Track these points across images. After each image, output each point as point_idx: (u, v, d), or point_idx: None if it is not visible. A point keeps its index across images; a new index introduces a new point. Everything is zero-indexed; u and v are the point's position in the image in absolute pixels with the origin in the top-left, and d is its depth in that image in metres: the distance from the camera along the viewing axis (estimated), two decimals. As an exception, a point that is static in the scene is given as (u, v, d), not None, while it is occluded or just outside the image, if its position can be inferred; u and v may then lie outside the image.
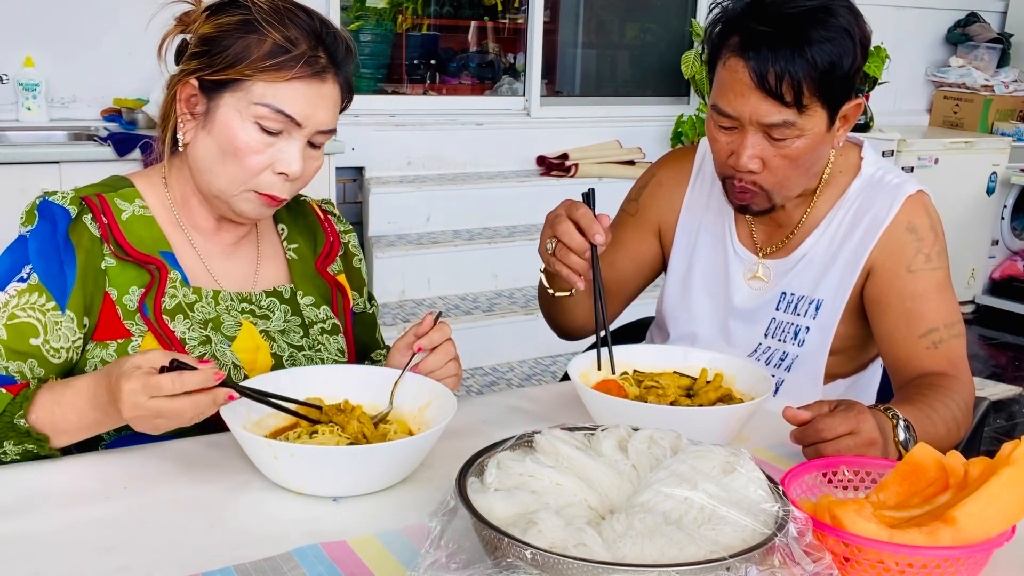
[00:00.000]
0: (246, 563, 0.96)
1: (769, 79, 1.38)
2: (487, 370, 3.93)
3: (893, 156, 4.85)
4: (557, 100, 5.09)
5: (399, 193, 4.18)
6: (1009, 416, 4.02)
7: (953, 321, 1.52)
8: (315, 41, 1.27)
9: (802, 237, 1.62)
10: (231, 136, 1.25)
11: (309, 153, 1.30)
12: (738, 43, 1.42)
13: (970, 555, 0.91)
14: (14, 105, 3.51)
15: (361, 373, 1.32)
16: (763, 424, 1.38)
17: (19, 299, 1.24)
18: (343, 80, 1.31)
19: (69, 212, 1.28)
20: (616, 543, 0.83)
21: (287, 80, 1.24)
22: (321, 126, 1.28)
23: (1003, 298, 5.40)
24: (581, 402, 1.35)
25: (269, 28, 1.24)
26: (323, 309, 1.46)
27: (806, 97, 1.39)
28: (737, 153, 1.46)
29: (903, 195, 1.55)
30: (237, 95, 1.25)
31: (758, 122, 1.42)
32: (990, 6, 5.94)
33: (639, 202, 1.77)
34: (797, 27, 1.38)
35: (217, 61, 1.25)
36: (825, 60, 1.38)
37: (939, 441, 1.36)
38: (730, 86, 1.43)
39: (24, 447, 1.15)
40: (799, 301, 1.61)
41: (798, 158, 1.45)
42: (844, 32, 1.39)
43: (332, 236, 1.53)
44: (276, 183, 1.28)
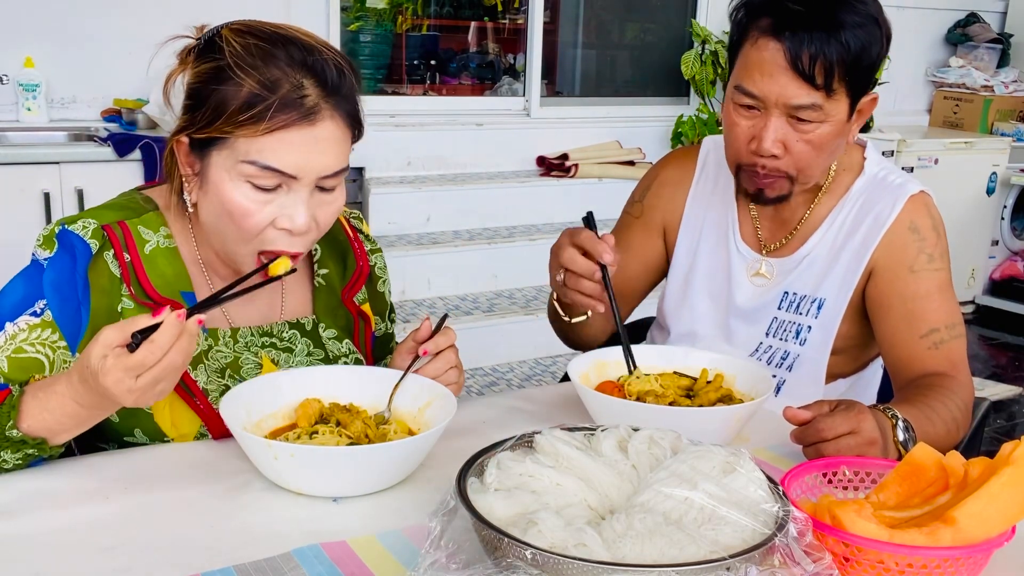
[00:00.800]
0: (246, 563, 0.96)
1: (803, 59, 1.39)
2: (487, 370, 3.93)
3: (893, 156, 4.85)
4: (557, 100, 5.09)
5: (399, 193, 4.18)
6: (1009, 416, 4.02)
7: (954, 322, 1.53)
8: (299, 76, 1.13)
9: (805, 235, 1.62)
10: (223, 199, 1.15)
11: (320, 199, 1.18)
12: (770, 24, 1.42)
13: (970, 555, 0.91)
14: (14, 105, 3.51)
15: (361, 374, 1.31)
16: (763, 424, 1.38)
17: (30, 334, 1.18)
18: (344, 111, 1.17)
19: (90, 247, 1.20)
20: (616, 543, 0.83)
21: (270, 132, 1.11)
22: (323, 172, 1.15)
23: (1003, 298, 5.40)
24: (581, 402, 1.35)
25: (242, 74, 1.11)
26: (346, 343, 1.40)
27: (836, 81, 1.40)
28: (759, 137, 1.45)
29: (905, 195, 1.55)
30: (223, 153, 1.14)
31: (785, 104, 1.42)
32: (990, 6, 5.94)
33: (643, 204, 1.77)
34: (830, 9, 1.39)
35: (199, 118, 1.14)
36: (857, 45, 1.39)
37: (938, 441, 1.36)
38: (758, 66, 1.43)
39: (24, 452, 1.11)
40: (801, 300, 1.61)
41: (821, 145, 1.45)
42: (872, 19, 1.41)
43: (362, 260, 1.44)
44: (281, 238, 1.17)
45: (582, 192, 4.45)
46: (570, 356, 1.46)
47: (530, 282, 4.26)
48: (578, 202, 4.38)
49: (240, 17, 1.22)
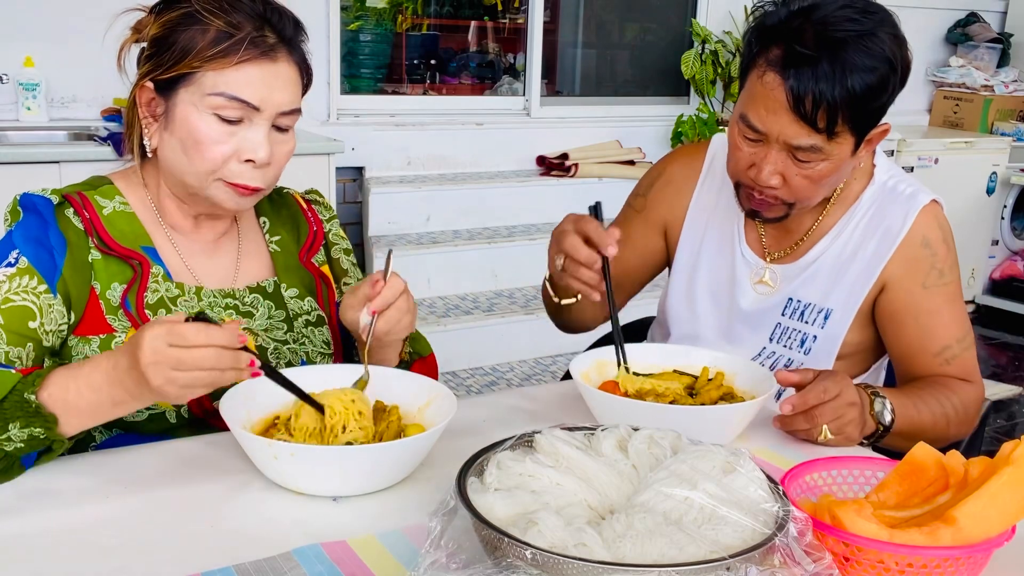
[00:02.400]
0: (246, 563, 0.96)
1: (806, 103, 1.35)
2: (487, 370, 3.93)
3: (893, 156, 4.86)
4: (557, 100, 5.09)
5: (399, 193, 4.18)
6: (1009, 416, 4.02)
7: (964, 334, 1.54)
8: (260, 22, 1.25)
9: (811, 243, 1.60)
10: (191, 130, 1.24)
11: (277, 138, 1.29)
12: (779, 58, 1.37)
13: (970, 555, 0.91)
14: (14, 105, 3.51)
15: (359, 371, 1.31)
16: (763, 424, 1.38)
17: (10, 283, 1.23)
18: (298, 58, 1.29)
19: (51, 201, 1.28)
20: (616, 543, 0.83)
21: (235, 65, 1.23)
22: (281, 107, 1.27)
23: (1003, 298, 5.40)
24: (581, 402, 1.35)
25: (210, 16, 1.24)
26: (308, 301, 1.45)
27: (839, 125, 1.37)
28: (758, 167, 1.43)
29: (917, 207, 1.53)
30: (191, 89, 1.24)
31: (785, 141, 1.40)
32: (990, 6, 5.94)
33: (647, 198, 1.75)
34: (841, 52, 1.34)
35: (166, 59, 1.25)
36: (864, 89, 1.35)
37: (924, 430, 1.42)
38: (762, 101, 1.39)
39: (31, 430, 1.09)
40: (806, 308, 1.59)
41: (820, 179, 1.43)
42: (887, 61, 1.36)
43: (315, 226, 1.52)
44: (245, 171, 1.27)
45: (582, 192, 4.45)
46: (570, 355, 1.46)
47: (530, 282, 4.26)
48: (578, 202, 4.37)
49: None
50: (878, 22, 1.38)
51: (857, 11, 1.37)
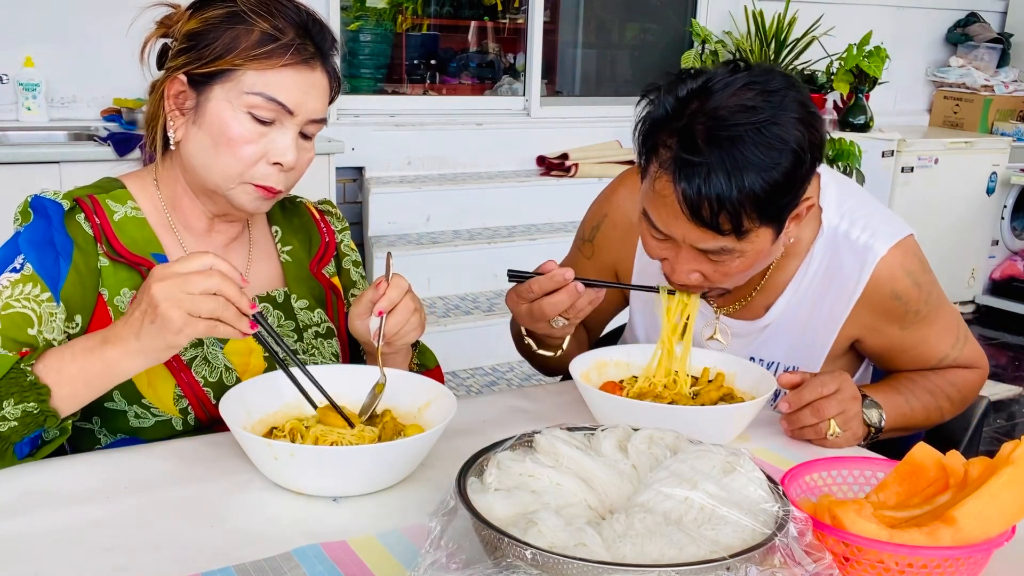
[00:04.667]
0: (246, 563, 0.96)
1: (703, 211, 1.20)
2: (487, 370, 3.93)
3: (893, 156, 4.85)
4: (557, 100, 5.09)
5: (399, 193, 4.18)
6: (1009, 416, 4.02)
7: (957, 336, 1.51)
8: (302, 30, 1.27)
9: (767, 300, 1.50)
10: (223, 127, 1.25)
11: (301, 144, 1.30)
12: (669, 160, 1.22)
13: (970, 555, 0.91)
14: (14, 105, 3.51)
15: (359, 373, 1.31)
16: (763, 424, 1.38)
17: (12, 290, 1.22)
18: (331, 69, 1.31)
19: (62, 205, 1.28)
20: (616, 543, 0.83)
21: (278, 68, 1.24)
22: (313, 114, 1.29)
23: (1003, 298, 5.40)
24: (581, 402, 1.35)
25: (256, 18, 1.25)
26: (317, 312, 1.45)
27: (746, 224, 1.22)
28: (672, 265, 1.31)
29: (873, 260, 1.41)
30: (227, 86, 1.25)
31: (692, 245, 1.27)
32: (990, 6, 5.94)
33: (594, 244, 1.64)
34: (735, 150, 1.18)
35: (206, 53, 1.25)
36: (767, 187, 1.19)
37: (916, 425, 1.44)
38: (661, 206, 1.25)
39: (24, 407, 1.11)
40: (771, 367, 1.53)
41: (741, 272, 1.31)
42: (791, 150, 1.19)
43: (328, 236, 1.52)
44: (272, 174, 1.28)
45: (582, 192, 4.44)
46: (570, 356, 1.45)
47: (530, 282, 4.25)
48: (578, 202, 4.37)
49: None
50: (778, 105, 1.20)
51: (755, 94, 1.21)
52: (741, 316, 1.54)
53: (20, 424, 1.12)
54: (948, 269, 4.97)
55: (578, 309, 1.34)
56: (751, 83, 1.22)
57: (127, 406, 1.28)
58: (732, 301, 1.54)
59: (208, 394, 1.30)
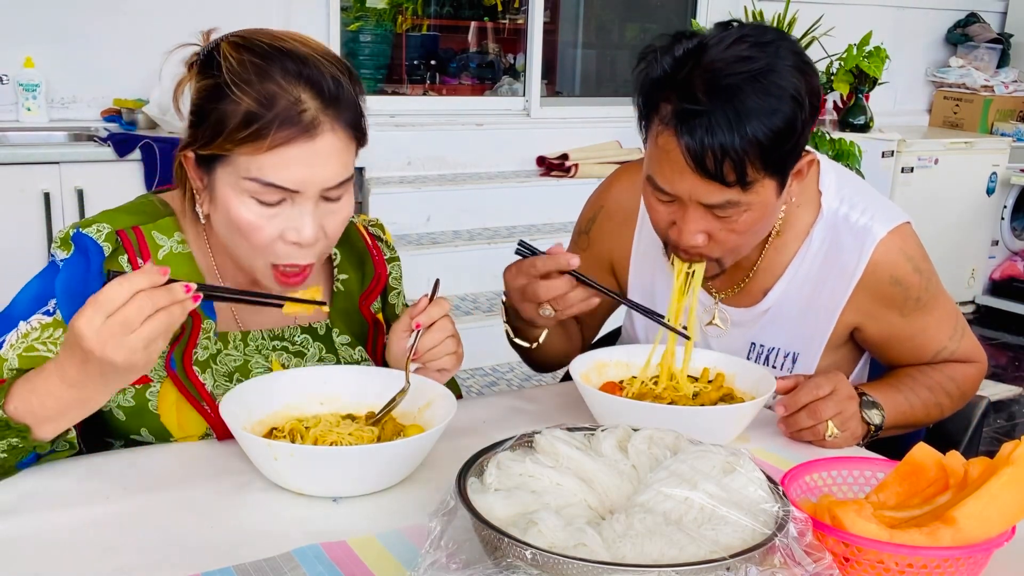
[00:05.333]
0: (246, 563, 0.96)
1: (707, 162, 1.21)
2: (487, 370, 3.93)
3: (893, 156, 4.85)
4: (557, 100, 5.09)
5: (399, 193, 4.18)
6: (1009, 416, 4.02)
7: (955, 328, 1.51)
8: (297, 90, 1.12)
9: (764, 285, 1.50)
10: (230, 213, 1.16)
11: (327, 209, 1.18)
12: (670, 115, 1.23)
13: (970, 555, 0.91)
14: (14, 105, 3.51)
15: (360, 373, 1.31)
16: (763, 424, 1.38)
17: (42, 333, 1.18)
18: (344, 121, 1.15)
19: (103, 250, 1.21)
20: (616, 543, 0.83)
21: (268, 150, 1.11)
22: (326, 183, 1.15)
23: (1003, 298, 5.39)
24: (581, 402, 1.35)
25: (239, 92, 1.11)
26: (358, 350, 1.39)
27: (751, 174, 1.23)
28: (679, 227, 1.31)
29: (872, 242, 1.42)
30: (227, 170, 1.15)
31: (699, 201, 1.27)
32: (990, 6, 5.94)
33: (590, 236, 1.64)
34: (735, 99, 1.19)
35: (200, 135, 1.15)
36: (769, 133, 1.20)
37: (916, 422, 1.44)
38: (665, 163, 1.26)
39: (8, 442, 1.07)
40: (771, 352, 1.53)
41: (747, 229, 1.31)
42: (789, 98, 1.21)
43: (380, 268, 1.44)
44: (292, 251, 1.17)
45: (582, 192, 4.44)
46: (570, 356, 1.45)
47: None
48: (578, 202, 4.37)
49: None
50: (774, 55, 1.22)
51: (749, 46, 1.22)
52: (739, 303, 1.53)
53: (9, 455, 1.09)
54: (948, 269, 4.96)
55: (568, 303, 1.32)
56: (744, 36, 1.24)
57: (154, 440, 1.27)
58: (729, 285, 1.53)
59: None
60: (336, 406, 1.26)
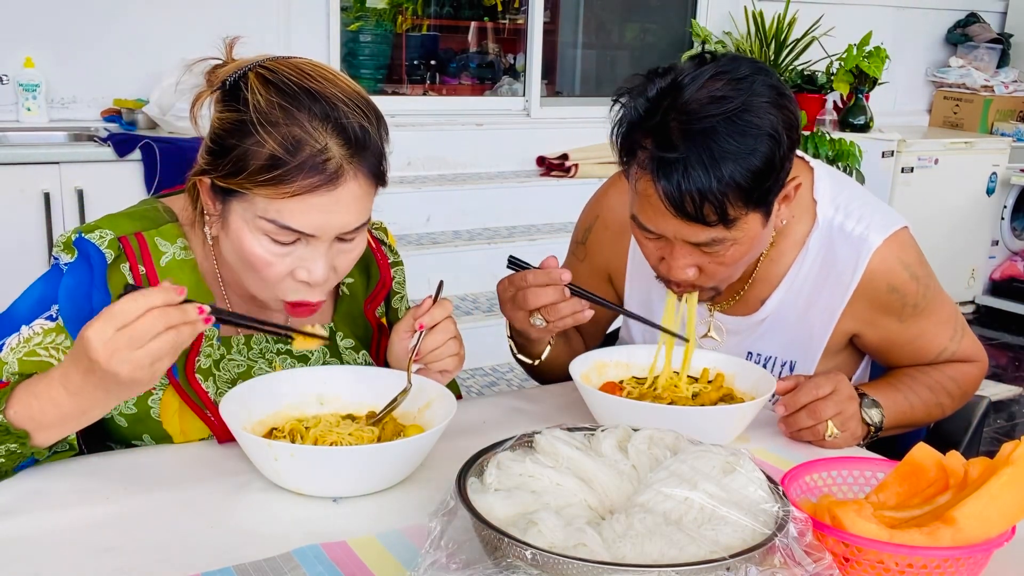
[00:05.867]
0: (246, 563, 0.96)
1: (687, 206, 1.21)
2: (487, 370, 3.93)
3: (893, 156, 4.85)
4: (557, 100, 5.09)
5: (399, 193, 4.18)
6: (1009, 416, 4.02)
7: (955, 329, 1.51)
8: (324, 135, 1.10)
9: (761, 295, 1.50)
10: (242, 247, 1.15)
11: (339, 248, 1.17)
12: (647, 160, 1.23)
13: (970, 555, 0.91)
14: (14, 105, 3.51)
15: (361, 373, 1.31)
16: (763, 424, 1.38)
17: (44, 338, 1.18)
18: (368, 168, 1.13)
19: (105, 257, 1.20)
20: (616, 543, 0.83)
21: (290, 196, 1.10)
22: (343, 229, 1.14)
23: (1003, 298, 5.40)
24: (581, 402, 1.35)
25: (265, 134, 1.09)
26: (362, 354, 1.39)
27: (732, 212, 1.22)
28: (668, 263, 1.31)
29: (868, 251, 1.41)
30: (244, 205, 1.14)
31: (684, 240, 1.27)
32: (990, 6, 5.94)
33: (586, 247, 1.64)
34: (711, 142, 1.18)
35: (220, 167, 1.13)
36: (747, 174, 1.20)
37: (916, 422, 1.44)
38: (647, 206, 1.26)
39: (7, 447, 1.07)
40: (768, 361, 1.53)
41: (736, 262, 1.31)
42: (766, 135, 1.20)
43: (385, 272, 1.43)
44: (301, 288, 1.17)
45: (582, 192, 4.44)
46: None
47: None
48: (578, 202, 4.37)
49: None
50: (748, 91, 1.21)
51: (724, 83, 1.21)
52: (736, 312, 1.53)
53: (7, 460, 1.10)
54: (948, 269, 4.97)
55: (559, 313, 1.32)
56: (719, 73, 1.23)
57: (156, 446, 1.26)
58: (726, 297, 1.52)
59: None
60: (336, 406, 1.27)
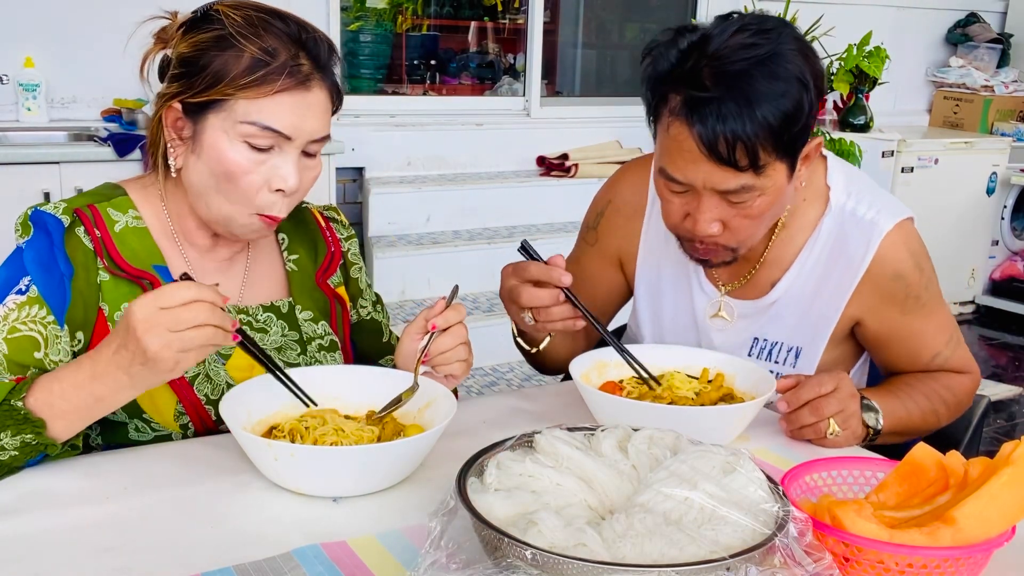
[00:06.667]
0: (246, 563, 0.96)
1: (720, 147, 1.23)
2: (487, 370, 3.93)
3: (893, 156, 4.85)
4: (557, 100, 5.09)
5: (399, 193, 4.18)
6: (1009, 416, 4.02)
7: (950, 335, 1.52)
8: (295, 48, 1.22)
9: (771, 277, 1.51)
10: (221, 158, 1.21)
11: (305, 163, 1.26)
12: (680, 105, 1.26)
13: (970, 555, 0.91)
14: (14, 105, 3.51)
15: (362, 374, 1.31)
16: (763, 424, 1.38)
17: (19, 312, 1.21)
18: (330, 83, 1.27)
19: (62, 222, 1.25)
20: (616, 543, 0.83)
21: (270, 95, 1.20)
22: (313, 135, 1.24)
23: (1003, 298, 5.40)
24: (581, 402, 1.35)
25: (245, 42, 1.20)
26: (321, 324, 1.43)
27: (763, 158, 1.25)
28: (694, 217, 1.33)
29: (879, 235, 1.44)
30: (221, 115, 1.21)
31: (713, 188, 1.29)
32: (990, 6, 5.94)
33: (597, 231, 1.65)
34: (743, 84, 1.22)
35: (197, 82, 1.21)
36: (778, 116, 1.23)
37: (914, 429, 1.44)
38: (677, 153, 1.28)
39: (22, 437, 1.10)
40: (774, 347, 1.54)
41: (761, 215, 1.33)
42: (795, 80, 1.24)
43: (333, 246, 1.49)
44: (276, 201, 1.25)
45: (582, 192, 4.44)
46: (570, 356, 1.45)
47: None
48: (578, 202, 4.37)
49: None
50: (776, 40, 1.25)
51: (752, 33, 1.26)
52: (745, 295, 1.54)
53: (20, 453, 1.11)
54: (948, 269, 4.96)
55: (550, 316, 1.34)
56: (746, 26, 1.28)
57: (127, 419, 1.28)
58: (736, 277, 1.54)
59: (209, 412, 1.30)
60: (336, 406, 1.26)
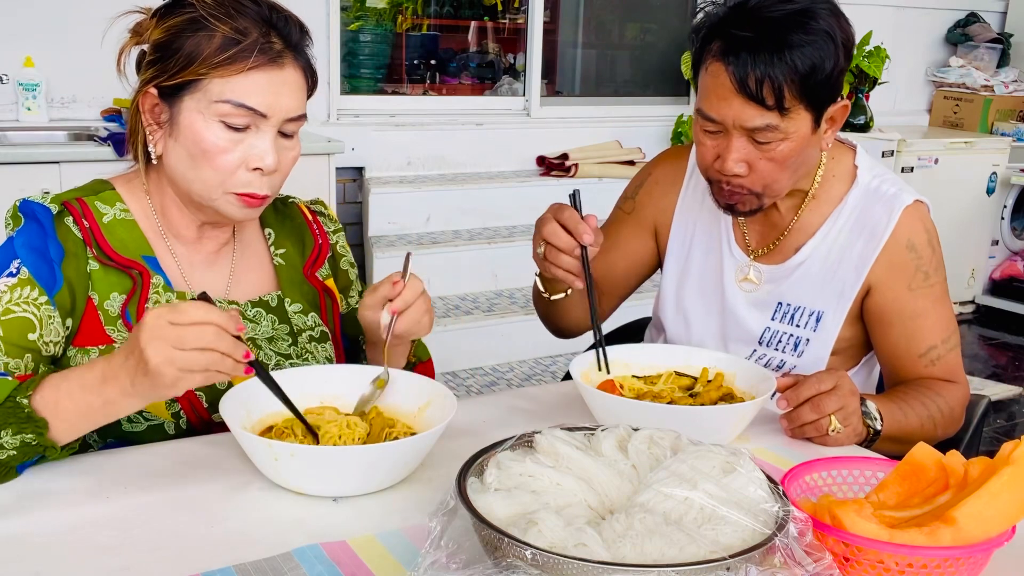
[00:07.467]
0: (246, 563, 0.96)
1: (749, 83, 1.38)
2: (487, 370, 3.93)
3: (893, 156, 4.85)
4: (557, 100, 5.09)
5: (399, 193, 4.18)
6: (1009, 416, 4.02)
7: (949, 334, 1.56)
8: (266, 27, 1.24)
9: (797, 243, 1.61)
10: (197, 138, 1.23)
11: (282, 144, 1.28)
12: (719, 48, 1.41)
13: (970, 555, 0.91)
14: (14, 105, 3.51)
15: (362, 373, 1.31)
16: (763, 424, 1.38)
17: (11, 294, 1.22)
18: (303, 63, 1.28)
19: (51, 210, 1.27)
20: (616, 543, 0.83)
21: (243, 72, 1.22)
22: (288, 113, 1.26)
23: (1003, 298, 5.40)
24: (581, 402, 1.35)
25: (216, 22, 1.22)
26: (311, 316, 1.44)
27: (788, 100, 1.39)
28: (723, 156, 1.45)
29: (900, 206, 1.54)
30: (196, 96, 1.23)
31: (741, 126, 1.42)
32: (990, 6, 5.94)
33: (635, 200, 1.77)
34: (777, 31, 1.38)
35: (171, 65, 1.23)
36: (806, 63, 1.37)
37: (911, 435, 1.43)
38: (713, 90, 1.43)
39: (22, 437, 1.09)
40: (796, 312, 1.61)
41: (784, 160, 1.44)
42: (825, 35, 1.39)
43: (321, 238, 1.51)
44: (253, 180, 1.26)
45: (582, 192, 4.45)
46: (570, 356, 1.46)
47: (530, 282, 4.23)
48: (578, 202, 4.37)
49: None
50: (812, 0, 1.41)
51: None
52: (771, 260, 1.63)
53: (19, 452, 1.10)
54: (948, 269, 4.92)
55: (559, 261, 1.41)
56: None
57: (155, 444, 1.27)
58: (764, 243, 1.64)
59: (200, 398, 1.30)
60: (336, 406, 1.26)
